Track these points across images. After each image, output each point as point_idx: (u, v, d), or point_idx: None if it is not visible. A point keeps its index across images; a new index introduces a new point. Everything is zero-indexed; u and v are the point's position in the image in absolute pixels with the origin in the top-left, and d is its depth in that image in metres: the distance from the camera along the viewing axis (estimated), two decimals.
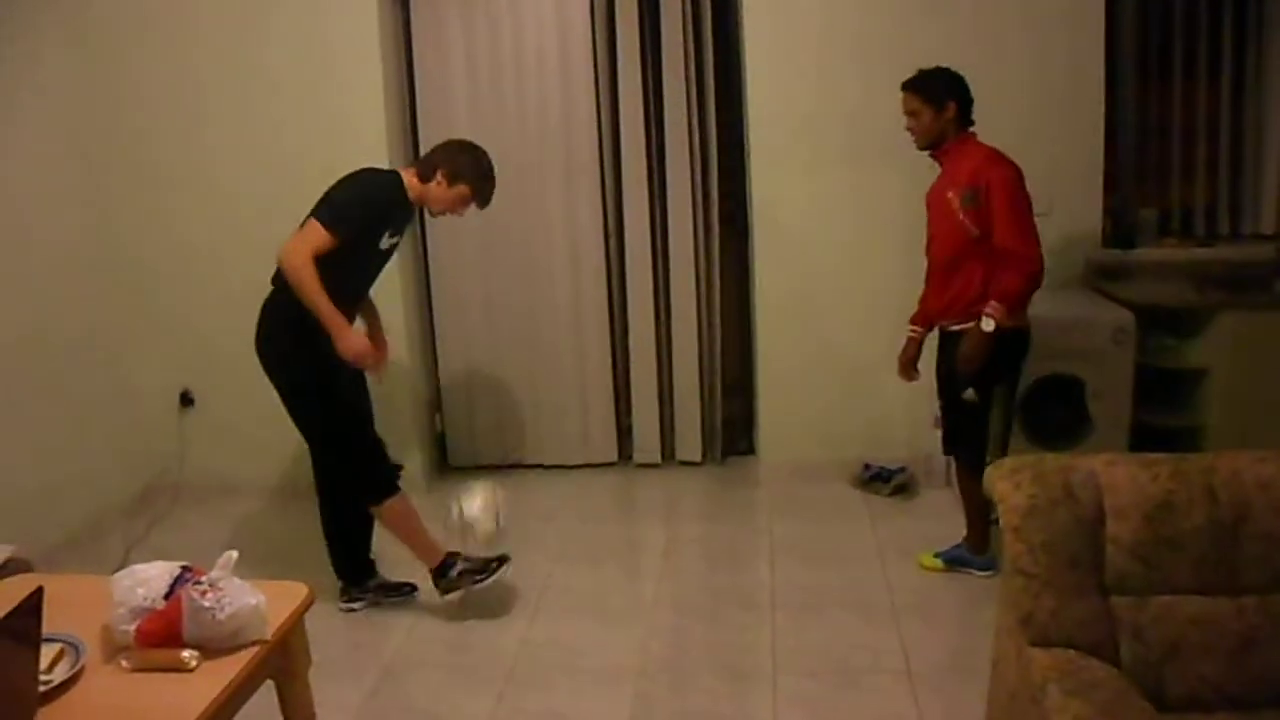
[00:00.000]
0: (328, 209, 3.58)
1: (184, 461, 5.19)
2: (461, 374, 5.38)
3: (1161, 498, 2.42)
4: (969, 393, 3.88)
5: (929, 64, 3.96)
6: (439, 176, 3.71)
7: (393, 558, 4.11)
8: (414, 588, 4.08)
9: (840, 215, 4.88)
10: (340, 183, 3.66)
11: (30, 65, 4.48)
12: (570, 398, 5.37)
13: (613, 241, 5.23)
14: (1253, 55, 4.93)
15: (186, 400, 5.20)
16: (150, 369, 5.12)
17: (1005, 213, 3.71)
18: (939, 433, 4.88)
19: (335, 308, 3.56)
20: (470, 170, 3.74)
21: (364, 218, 3.63)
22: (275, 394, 3.79)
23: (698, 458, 5.37)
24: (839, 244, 4.90)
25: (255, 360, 4.97)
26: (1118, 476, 2.46)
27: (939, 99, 3.85)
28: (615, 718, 3.31)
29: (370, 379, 4.01)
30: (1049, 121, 4.70)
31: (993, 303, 3.72)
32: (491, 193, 3.83)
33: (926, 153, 3.96)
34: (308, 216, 3.61)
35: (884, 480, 4.93)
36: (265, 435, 5.11)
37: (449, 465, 5.51)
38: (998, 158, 3.80)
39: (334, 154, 4.79)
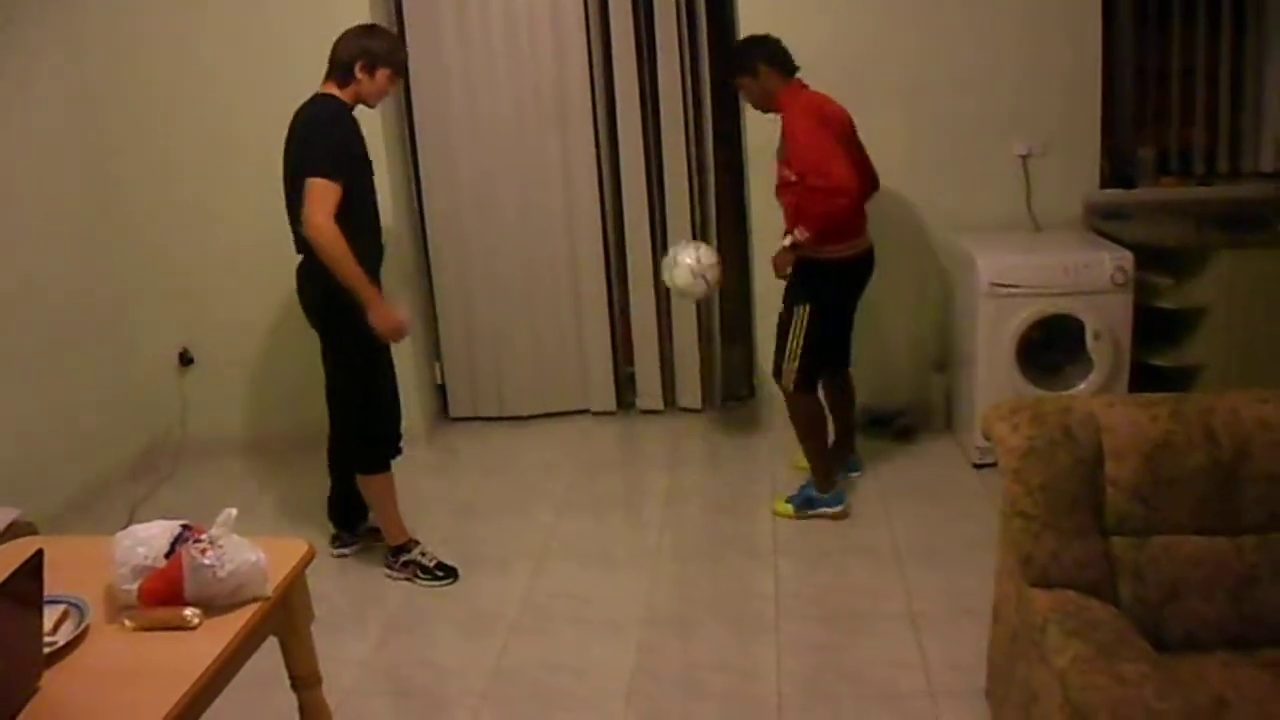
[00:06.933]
0: (321, 162, 3.49)
1: (185, 421, 5.20)
2: (461, 324, 5.37)
3: (1161, 438, 2.42)
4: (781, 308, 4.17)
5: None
6: (359, 74, 3.64)
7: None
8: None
9: None
10: (303, 133, 3.59)
11: (30, 23, 4.42)
12: (569, 346, 5.36)
13: (609, 189, 5.20)
14: None
15: (186, 360, 5.19)
16: (149, 329, 5.11)
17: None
18: (939, 377, 4.92)
19: (365, 270, 3.57)
20: (384, 50, 3.68)
21: (350, 148, 3.61)
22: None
23: (698, 404, 5.38)
24: None
25: (253, 319, 5.01)
26: (1117, 417, 2.47)
27: (751, 69, 4.06)
28: (620, 667, 3.34)
29: None
30: (1046, 60, 4.65)
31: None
32: (406, 58, 3.80)
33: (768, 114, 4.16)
34: (297, 179, 3.53)
35: (885, 424, 4.93)
36: (265, 393, 5.14)
37: (449, 416, 5.52)
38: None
39: None
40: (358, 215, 3.59)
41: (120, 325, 4.99)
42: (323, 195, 3.46)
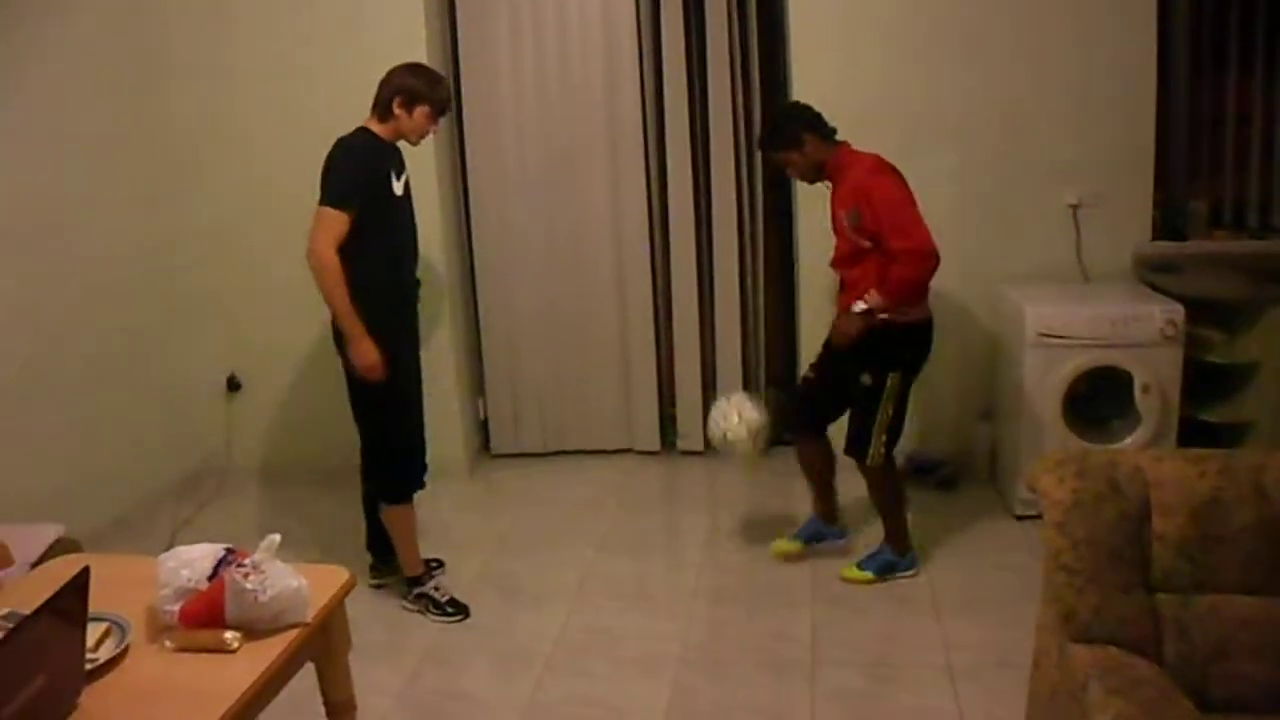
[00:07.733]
0: (330, 191, 3.59)
1: (230, 446, 5.26)
2: (505, 360, 5.40)
3: (1209, 495, 2.38)
4: (865, 378, 3.91)
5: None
6: (397, 109, 3.70)
7: (433, 537, 4.14)
8: (440, 563, 4.11)
9: None
10: (326, 164, 3.66)
11: (73, 53, 4.51)
12: (613, 385, 5.38)
13: (657, 228, 5.24)
14: None
15: (233, 385, 5.25)
16: (197, 355, 5.18)
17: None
18: (985, 427, 4.87)
19: (390, 302, 3.65)
20: (424, 88, 3.73)
21: (362, 177, 3.64)
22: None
23: None
24: None
25: (300, 345, 5.05)
26: (1164, 472, 2.43)
27: (796, 142, 3.83)
28: (654, 706, 3.32)
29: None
30: (1099, 112, 4.64)
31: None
32: (448, 97, 3.83)
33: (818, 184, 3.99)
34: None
35: (927, 472, 4.89)
36: (310, 420, 5.18)
37: (491, 452, 5.54)
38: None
39: None
40: (376, 246, 3.65)
41: (169, 351, 5.05)
42: (327, 224, 3.55)
